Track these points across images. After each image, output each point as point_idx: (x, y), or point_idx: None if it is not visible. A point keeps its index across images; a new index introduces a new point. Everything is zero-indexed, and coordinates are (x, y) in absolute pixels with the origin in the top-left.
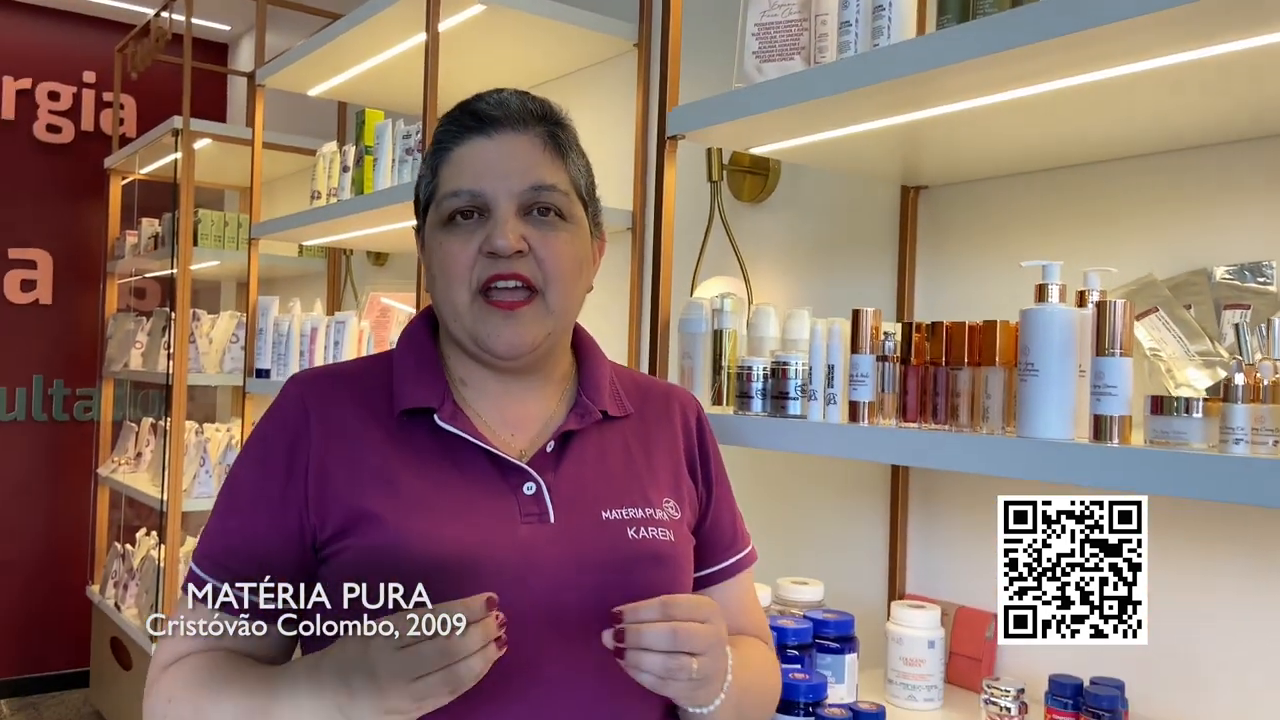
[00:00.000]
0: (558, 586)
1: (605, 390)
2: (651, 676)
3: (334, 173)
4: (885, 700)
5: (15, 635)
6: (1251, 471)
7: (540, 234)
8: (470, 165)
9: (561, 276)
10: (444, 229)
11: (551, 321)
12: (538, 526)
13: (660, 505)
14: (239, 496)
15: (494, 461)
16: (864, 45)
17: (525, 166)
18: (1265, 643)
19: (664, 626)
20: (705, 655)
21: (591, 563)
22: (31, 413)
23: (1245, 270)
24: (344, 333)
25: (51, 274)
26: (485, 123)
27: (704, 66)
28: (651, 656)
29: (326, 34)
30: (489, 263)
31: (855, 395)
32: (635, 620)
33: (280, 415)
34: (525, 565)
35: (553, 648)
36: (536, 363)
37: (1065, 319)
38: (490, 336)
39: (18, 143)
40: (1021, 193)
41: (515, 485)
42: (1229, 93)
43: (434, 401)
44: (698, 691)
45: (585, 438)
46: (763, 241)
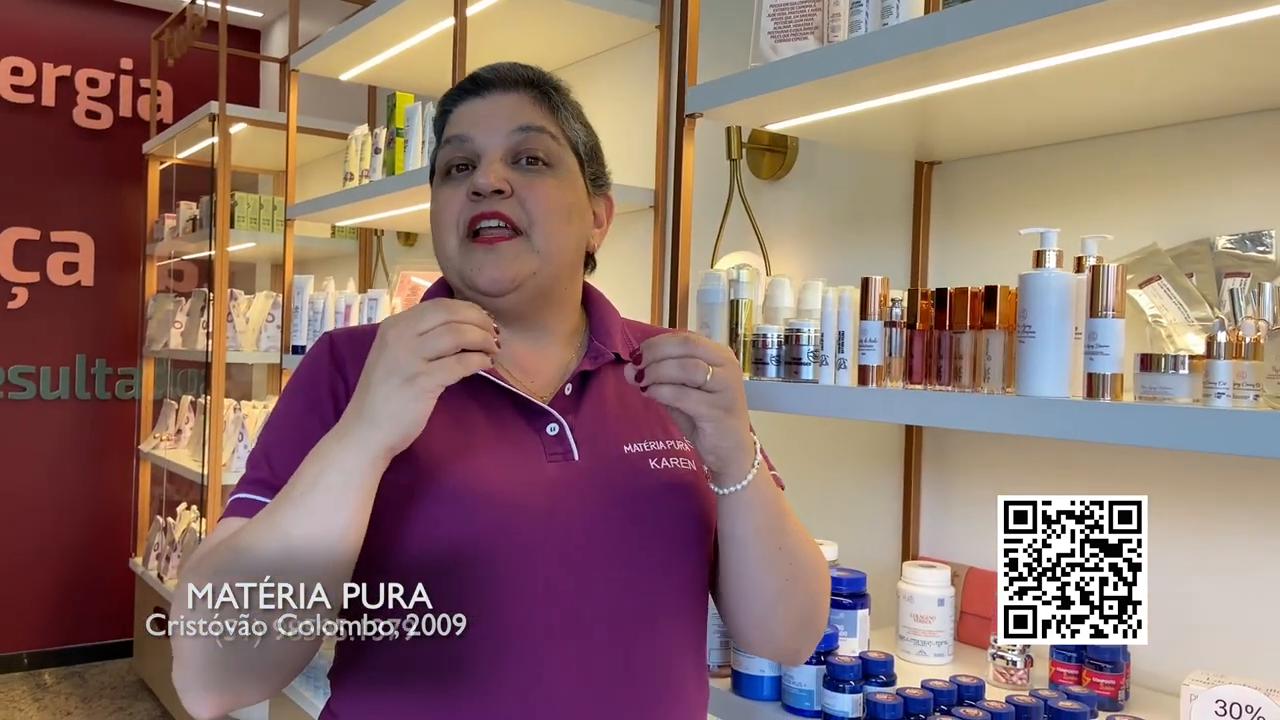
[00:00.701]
0: (587, 521)
1: (616, 335)
2: (670, 388)
3: (365, 155)
4: (898, 655)
5: (61, 606)
6: (1231, 423)
7: (525, 179)
8: (462, 119)
9: (547, 217)
10: (440, 183)
11: (536, 261)
12: (563, 464)
13: (679, 436)
14: (285, 430)
15: (517, 404)
16: (874, 24)
17: (511, 113)
18: (1262, 593)
19: (677, 337)
20: (722, 367)
21: (618, 495)
22: (75, 391)
23: (1246, 239)
24: (376, 310)
25: (93, 256)
26: (480, 85)
27: (724, 48)
28: (668, 364)
29: (357, 20)
30: (472, 204)
31: (864, 359)
32: (653, 351)
33: (316, 365)
34: (554, 501)
35: (585, 581)
36: (535, 312)
37: (1061, 283)
38: (474, 271)
39: (58, 129)
40: (1031, 167)
41: (539, 427)
42: (1229, 66)
43: None
44: (723, 419)
45: (601, 379)
46: (782, 217)
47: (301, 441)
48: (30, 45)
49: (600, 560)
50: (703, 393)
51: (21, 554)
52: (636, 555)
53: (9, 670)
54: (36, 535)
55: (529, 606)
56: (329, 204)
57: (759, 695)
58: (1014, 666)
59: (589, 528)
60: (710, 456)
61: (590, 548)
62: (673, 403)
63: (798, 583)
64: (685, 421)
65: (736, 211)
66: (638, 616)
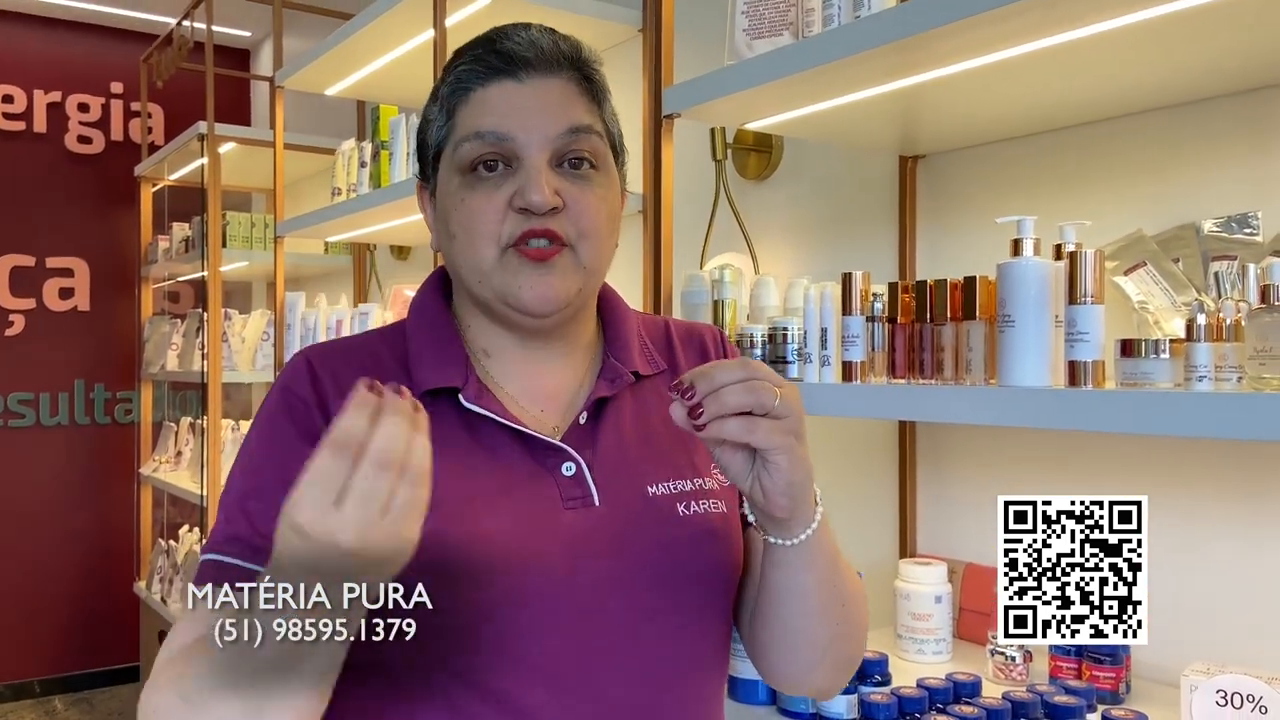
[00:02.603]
0: (611, 578)
1: (634, 348)
2: (737, 422)
3: (353, 169)
4: (895, 654)
5: (68, 633)
6: (1211, 406)
7: (575, 188)
8: (497, 107)
9: (595, 232)
10: (464, 183)
11: (583, 278)
12: (581, 511)
13: (709, 472)
14: (259, 476)
15: (528, 443)
16: (847, 17)
17: (559, 110)
18: (1261, 582)
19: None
20: (783, 388)
21: (643, 550)
22: (74, 417)
23: (1232, 222)
24: (368, 324)
25: (88, 281)
26: (516, 64)
27: (707, 49)
28: (730, 391)
29: (339, 34)
30: (520, 219)
31: (848, 355)
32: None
33: (294, 391)
34: (573, 556)
35: (603, 638)
36: (564, 325)
37: (1039, 271)
38: (522, 289)
39: (50, 154)
40: (1014, 157)
41: (553, 467)
42: (1205, 47)
43: (457, 380)
44: (796, 447)
45: (620, 404)
46: (770, 216)
47: (281, 486)
48: (21, 73)
49: (624, 627)
50: (773, 420)
51: (27, 581)
52: (663, 617)
53: (21, 698)
54: (41, 562)
55: (541, 673)
56: (318, 220)
57: (754, 699)
58: (1013, 662)
59: (612, 593)
60: (782, 499)
61: (614, 615)
62: (741, 437)
63: (848, 626)
64: (742, 463)
65: (724, 212)
66: (661, 682)
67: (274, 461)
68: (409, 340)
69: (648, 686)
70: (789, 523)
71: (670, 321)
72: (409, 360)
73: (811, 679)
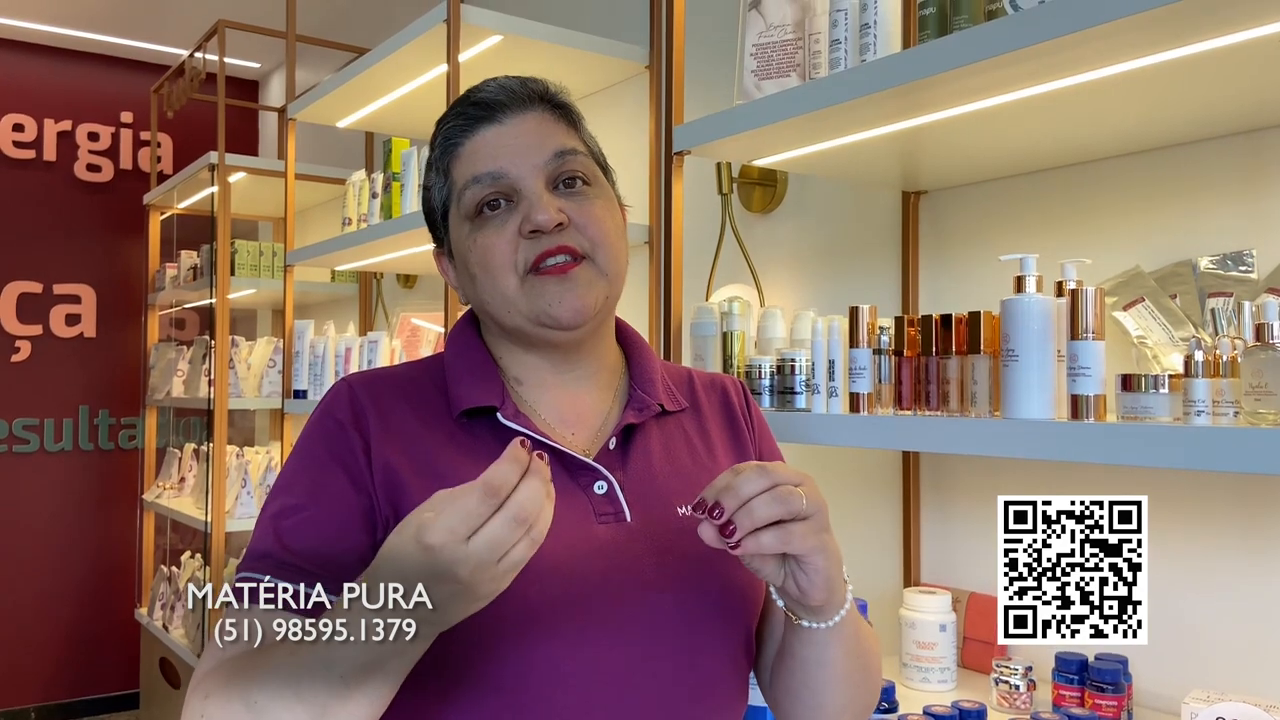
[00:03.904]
0: (642, 585)
1: (658, 384)
2: (773, 535)
3: (363, 199)
4: (900, 683)
5: (67, 660)
6: (1209, 440)
7: (574, 204)
8: (485, 151)
9: (606, 239)
10: (474, 226)
11: (605, 285)
12: (614, 526)
13: None
14: (293, 495)
15: (562, 460)
16: (853, 60)
17: (541, 139)
18: (1261, 610)
19: (750, 471)
20: (803, 485)
21: (674, 562)
22: (79, 442)
23: (1228, 259)
24: (376, 352)
25: (95, 308)
26: (493, 109)
27: (713, 86)
28: (760, 503)
29: (353, 69)
30: (532, 243)
31: (855, 387)
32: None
33: (333, 416)
34: (608, 566)
35: (638, 647)
36: (591, 343)
37: (1042, 307)
38: (552, 305)
39: (60, 183)
40: (1015, 194)
41: (585, 485)
42: (1200, 92)
43: (495, 400)
44: (829, 542)
45: (647, 432)
46: (774, 249)
47: (312, 506)
48: (31, 101)
49: (654, 635)
50: (803, 523)
51: (28, 608)
52: (691, 629)
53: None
54: (42, 588)
55: (576, 683)
56: (328, 249)
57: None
58: (1017, 691)
59: (644, 599)
60: (820, 593)
61: (645, 620)
62: (779, 549)
63: (866, 685)
64: (775, 565)
65: (730, 245)
66: (688, 693)
67: (308, 481)
68: (447, 368)
69: (672, 701)
70: (824, 609)
71: (694, 371)
72: (448, 385)
73: None
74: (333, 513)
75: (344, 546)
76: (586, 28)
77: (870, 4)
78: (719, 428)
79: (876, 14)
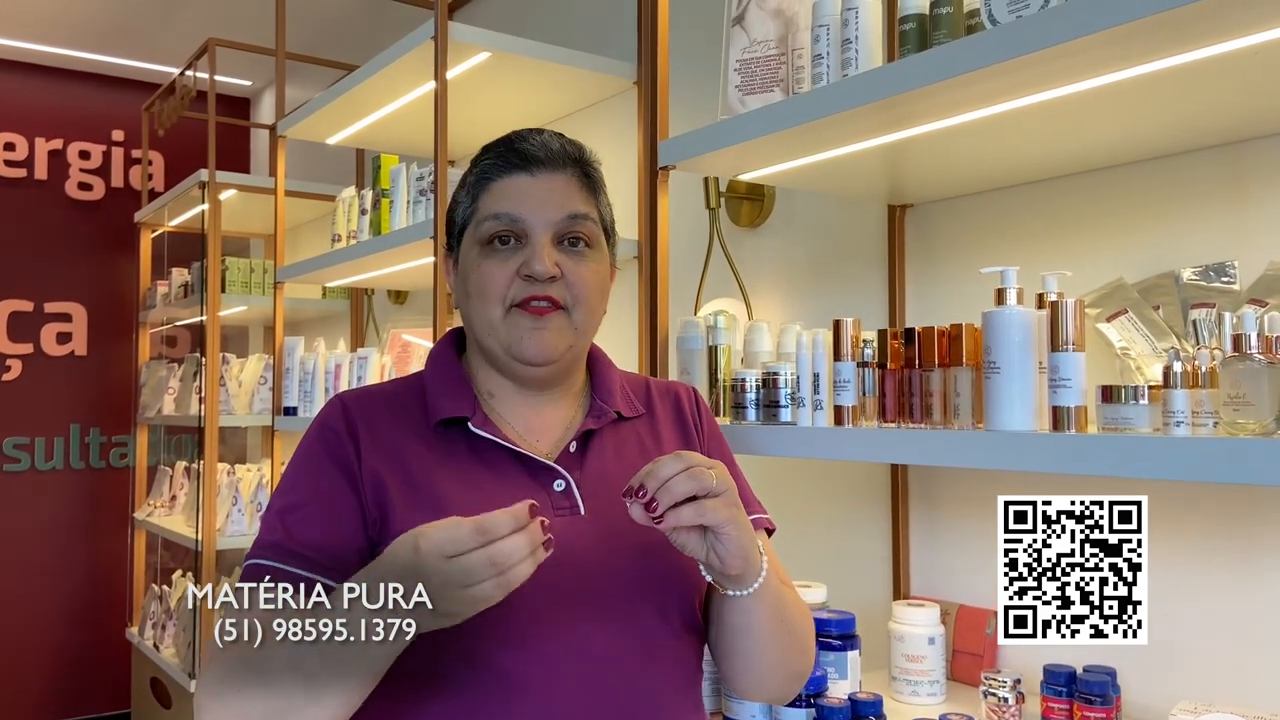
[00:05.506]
0: (594, 574)
1: (617, 394)
2: (690, 508)
3: (353, 216)
4: (889, 696)
5: (58, 680)
6: (1188, 451)
7: (571, 261)
8: (512, 195)
9: (587, 300)
10: (482, 253)
11: (574, 336)
12: (570, 518)
13: None
14: (297, 494)
15: (524, 463)
16: (835, 75)
17: (562, 199)
18: (1249, 621)
19: (667, 457)
20: (714, 468)
21: (623, 548)
22: (70, 461)
23: (1210, 271)
24: (366, 368)
25: (86, 326)
26: (530, 161)
27: (702, 103)
28: (677, 482)
29: (342, 86)
30: (525, 285)
31: (839, 400)
32: (656, 478)
33: (330, 427)
34: (562, 553)
35: (594, 630)
36: (556, 376)
37: (1022, 319)
38: (521, 341)
39: (51, 201)
40: (1000, 207)
41: (545, 484)
42: (1179, 105)
43: (466, 411)
44: (738, 515)
45: (604, 437)
46: (762, 263)
47: (315, 501)
48: (22, 120)
49: (604, 611)
50: (716, 498)
51: (19, 628)
52: (637, 605)
53: None
54: (32, 607)
55: (535, 653)
56: (318, 266)
57: None
58: (1005, 703)
59: (595, 577)
60: (736, 561)
61: (596, 597)
62: (695, 520)
63: (793, 647)
64: (698, 540)
65: (718, 259)
66: (637, 660)
67: (310, 482)
68: (427, 384)
69: (623, 668)
70: (743, 578)
71: (650, 380)
72: (426, 399)
73: (765, 688)
74: (333, 509)
75: (344, 539)
76: (575, 44)
77: (851, 20)
78: (670, 431)
79: (858, 30)
